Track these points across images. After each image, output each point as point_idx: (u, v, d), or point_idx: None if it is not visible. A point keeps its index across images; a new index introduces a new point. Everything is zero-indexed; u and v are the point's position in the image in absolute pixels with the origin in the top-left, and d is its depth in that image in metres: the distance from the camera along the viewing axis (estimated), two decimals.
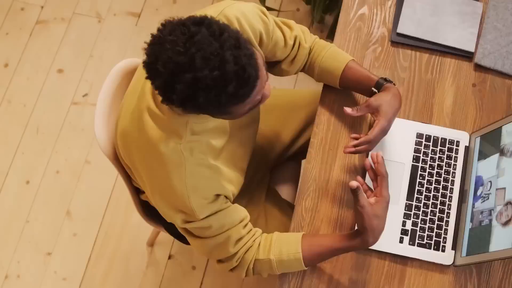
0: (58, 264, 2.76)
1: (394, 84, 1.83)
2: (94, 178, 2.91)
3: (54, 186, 2.89)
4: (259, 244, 1.73)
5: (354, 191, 1.61)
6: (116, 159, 1.85)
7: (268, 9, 2.92)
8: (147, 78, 1.38)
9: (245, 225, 1.71)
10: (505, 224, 1.65)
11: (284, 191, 2.24)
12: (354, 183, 1.59)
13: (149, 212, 2.12)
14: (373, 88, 1.84)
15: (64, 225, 2.83)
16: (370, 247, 1.80)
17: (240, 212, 1.70)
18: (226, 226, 1.66)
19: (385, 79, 1.84)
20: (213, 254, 1.71)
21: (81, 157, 2.94)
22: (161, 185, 1.59)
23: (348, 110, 1.78)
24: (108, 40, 3.15)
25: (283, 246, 1.71)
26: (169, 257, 2.77)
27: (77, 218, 2.84)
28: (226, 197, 1.68)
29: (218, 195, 1.64)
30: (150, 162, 1.58)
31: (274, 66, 1.89)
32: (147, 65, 1.37)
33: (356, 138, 1.79)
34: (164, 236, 2.80)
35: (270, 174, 2.26)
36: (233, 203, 1.98)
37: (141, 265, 2.76)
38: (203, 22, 1.37)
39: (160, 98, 1.55)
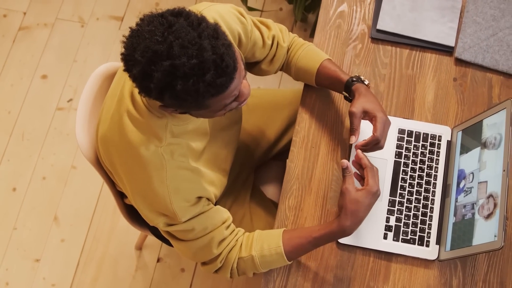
0: (46, 271, 2.76)
1: (362, 81, 1.78)
2: (81, 183, 2.90)
3: (41, 192, 2.88)
4: (241, 244, 1.73)
5: (344, 171, 1.63)
6: (98, 164, 1.84)
7: (251, 9, 2.92)
8: (124, 70, 1.38)
9: (228, 226, 1.71)
10: (487, 217, 1.65)
11: (269, 191, 2.23)
12: (344, 162, 1.60)
13: (134, 215, 2.12)
14: (343, 92, 1.80)
15: (52, 231, 2.82)
16: (352, 243, 1.80)
17: (223, 213, 1.70)
18: (209, 228, 1.66)
19: (353, 79, 1.78)
20: (197, 256, 1.71)
21: (67, 162, 2.93)
22: (143, 188, 1.58)
23: (353, 140, 1.71)
24: (92, 45, 3.15)
25: (264, 241, 1.71)
26: (158, 260, 2.77)
27: (64, 223, 2.83)
28: (208, 199, 1.68)
29: (199, 198, 1.64)
30: (131, 166, 1.58)
31: (254, 66, 1.89)
32: (125, 56, 1.37)
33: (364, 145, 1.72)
34: (152, 239, 2.79)
35: (255, 174, 2.26)
36: (217, 204, 1.98)
37: (130, 268, 2.76)
38: (181, 13, 1.37)
39: (139, 102, 1.54)
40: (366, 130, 1.92)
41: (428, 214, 1.85)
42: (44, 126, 2.99)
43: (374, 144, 1.70)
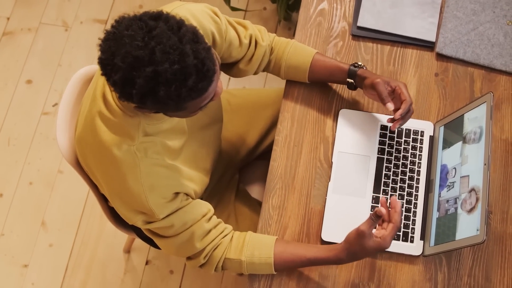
0: (35, 276, 2.75)
1: (362, 65, 1.86)
2: (68, 187, 2.89)
3: (28, 197, 2.87)
4: (230, 241, 1.72)
5: (375, 216, 1.59)
6: (80, 166, 1.84)
7: (234, 9, 2.92)
8: (102, 74, 1.37)
9: (209, 219, 1.70)
10: (470, 211, 1.65)
11: (254, 190, 2.23)
12: (383, 210, 1.57)
13: (119, 218, 2.11)
14: (348, 79, 1.86)
15: (40, 236, 2.81)
16: (338, 241, 1.80)
17: (202, 206, 1.69)
18: (189, 223, 1.66)
19: (354, 65, 1.85)
20: (180, 251, 1.71)
21: (54, 167, 2.92)
22: (118, 188, 1.58)
23: (390, 107, 1.76)
24: (76, 48, 3.14)
25: (256, 249, 1.71)
26: (147, 263, 2.76)
27: (52, 228, 2.82)
28: (186, 194, 1.67)
29: (177, 194, 1.63)
30: (106, 166, 1.58)
31: (232, 67, 1.88)
32: (103, 61, 1.35)
33: (395, 110, 1.79)
34: (141, 242, 2.79)
35: (240, 173, 2.26)
36: (204, 201, 1.98)
37: (119, 272, 2.75)
38: (160, 17, 1.36)
39: (111, 102, 1.54)
40: (347, 133, 1.92)
41: (412, 209, 1.85)
42: (30, 131, 2.98)
43: (409, 108, 1.76)
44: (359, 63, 1.87)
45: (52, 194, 2.88)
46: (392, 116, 1.83)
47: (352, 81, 1.86)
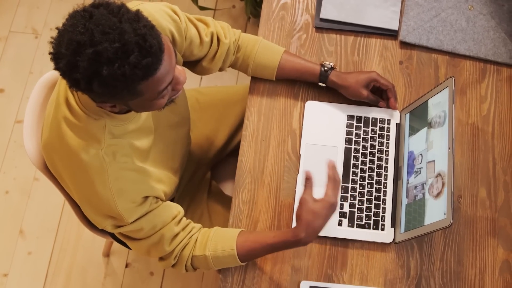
0: (15, 285, 2.74)
1: (331, 66, 1.91)
2: (44, 194, 2.88)
3: (4, 206, 2.86)
4: (196, 241, 1.72)
5: (307, 181, 1.62)
6: (49, 172, 1.84)
7: (202, 8, 2.92)
8: (54, 68, 1.38)
9: (178, 222, 1.71)
10: (437, 196, 1.66)
11: (227, 187, 2.23)
12: (309, 173, 1.60)
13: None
14: (320, 83, 1.93)
15: (18, 244, 2.80)
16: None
17: (172, 209, 1.70)
18: (158, 226, 1.66)
19: (324, 68, 1.90)
20: (151, 253, 1.71)
21: (29, 174, 2.91)
22: (87, 192, 1.58)
23: (383, 105, 1.95)
24: (47, 55, 3.13)
25: (219, 242, 1.71)
26: (126, 266, 2.76)
27: (30, 236, 2.81)
28: (156, 197, 1.67)
29: (146, 197, 1.63)
30: (74, 171, 1.57)
31: (195, 65, 1.88)
32: (53, 55, 1.36)
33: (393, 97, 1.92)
34: (120, 245, 2.78)
35: (212, 171, 2.26)
36: (174, 203, 1.98)
37: (99, 276, 2.75)
38: (102, 4, 1.37)
39: (75, 107, 1.54)
40: (314, 125, 1.93)
41: (382, 197, 1.86)
42: (4, 140, 2.97)
43: (394, 90, 1.92)
44: (329, 64, 1.90)
45: (29, 202, 2.87)
46: (382, 101, 1.95)
47: (324, 85, 1.93)
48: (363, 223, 1.83)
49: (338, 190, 1.63)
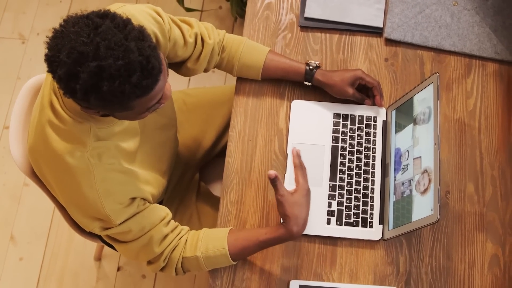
0: None
1: (317, 65, 1.92)
2: (34, 199, 2.88)
3: None
4: (185, 242, 1.72)
5: (273, 181, 1.62)
6: (36, 177, 1.83)
7: (189, 10, 2.92)
8: (48, 71, 1.37)
9: (167, 223, 1.70)
10: (424, 192, 1.67)
11: (216, 188, 2.23)
12: (272, 172, 1.61)
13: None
14: (305, 82, 1.92)
15: (10, 250, 2.79)
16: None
17: (160, 211, 1.69)
18: (147, 227, 1.66)
19: (309, 67, 1.90)
20: (140, 256, 1.71)
21: (19, 180, 2.91)
22: (74, 195, 1.58)
23: (369, 102, 1.94)
24: (34, 60, 3.12)
25: (210, 242, 1.71)
26: (118, 269, 2.76)
27: (21, 241, 2.81)
28: (144, 199, 1.67)
29: (133, 199, 1.63)
30: (60, 175, 1.57)
31: (180, 66, 1.88)
32: (49, 58, 1.35)
33: (378, 94, 1.93)
34: (111, 248, 2.78)
35: (201, 172, 2.26)
36: (161, 205, 1.97)
37: (91, 280, 2.74)
38: (107, 15, 1.37)
39: (59, 110, 1.53)
40: (301, 124, 1.92)
41: (369, 195, 1.86)
42: None
43: (379, 87, 1.92)
44: (314, 63, 1.90)
45: (19, 208, 2.86)
46: (367, 99, 1.95)
47: (309, 84, 1.93)
48: (352, 221, 1.83)
49: (306, 175, 1.68)
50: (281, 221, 1.67)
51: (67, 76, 1.33)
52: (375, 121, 1.93)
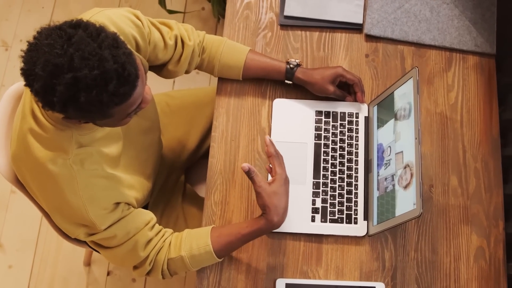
0: None
1: (297, 63, 1.92)
2: (22, 206, 2.87)
3: None
4: (169, 244, 1.72)
5: (248, 173, 1.63)
6: (20, 184, 1.83)
7: (171, 12, 2.91)
8: (25, 85, 1.36)
9: (152, 227, 1.70)
10: (406, 187, 1.67)
11: (202, 190, 2.23)
12: (245, 165, 1.61)
13: None
14: (286, 81, 1.92)
15: None
16: (281, 229, 1.81)
17: (144, 215, 1.69)
18: (132, 232, 1.65)
19: (290, 66, 1.90)
20: (126, 261, 1.70)
21: (6, 188, 2.90)
22: (58, 202, 1.57)
23: (350, 99, 1.95)
24: (18, 67, 3.12)
25: (193, 241, 1.71)
26: (108, 274, 2.75)
27: (10, 249, 2.80)
28: (128, 203, 1.67)
29: (118, 204, 1.63)
30: (43, 182, 1.57)
31: (161, 69, 1.88)
32: (25, 71, 1.35)
33: (360, 91, 1.93)
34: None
35: (186, 174, 2.26)
36: (148, 209, 1.97)
37: (81, 285, 2.74)
38: (79, 25, 1.36)
39: (41, 118, 1.53)
40: (283, 123, 1.92)
41: (353, 191, 1.86)
42: None
43: (360, 84, 1.91)
44: (295, 61, 1.91)
45: (7, 215, 2.86)
46: (349, 96, 1.96)
47: (290, 82, 1.93)
48: (336, 217, 1.83)
49: (283, 164, 1.68)
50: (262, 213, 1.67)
51: (44, 90, 1.33)
52: (357, 117, 1.93)
